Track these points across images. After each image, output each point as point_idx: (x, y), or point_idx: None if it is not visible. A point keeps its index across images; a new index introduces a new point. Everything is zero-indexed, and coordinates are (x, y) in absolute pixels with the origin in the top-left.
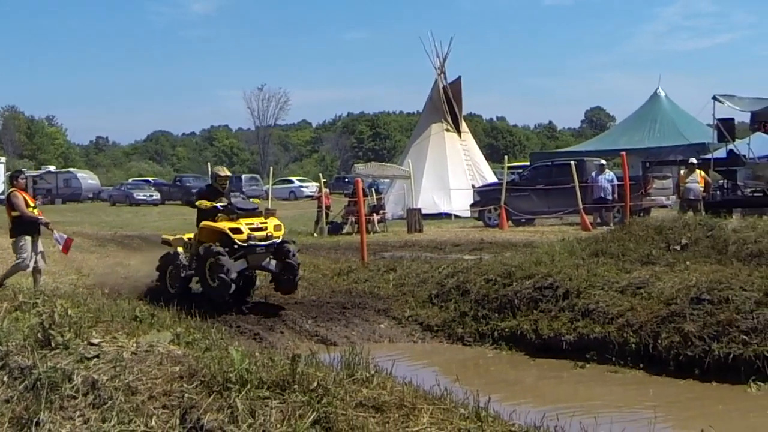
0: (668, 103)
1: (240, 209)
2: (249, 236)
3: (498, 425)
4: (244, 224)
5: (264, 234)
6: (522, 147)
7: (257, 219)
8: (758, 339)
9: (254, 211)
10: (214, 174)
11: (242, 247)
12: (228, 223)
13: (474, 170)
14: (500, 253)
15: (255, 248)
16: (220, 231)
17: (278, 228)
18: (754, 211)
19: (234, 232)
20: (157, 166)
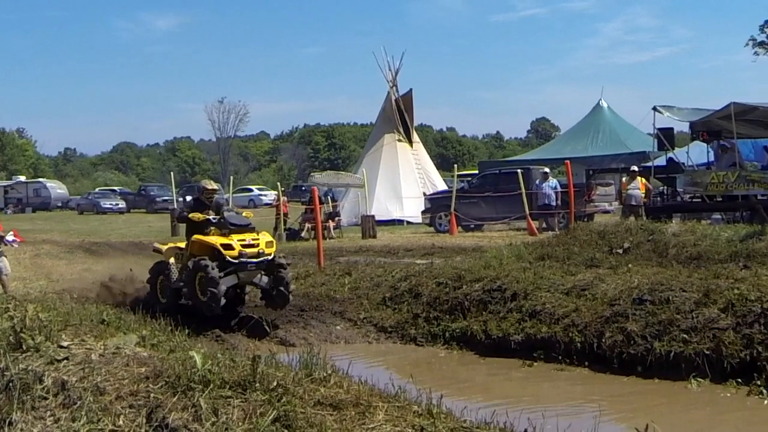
0: (610, 113)
1: (233, 225)
2: (240, 253)
3: (450, 421)
4: (236, 240)
5: (256, 251)
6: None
7: (249, 235)
8: (698, 337)
9: (247, 226)
10: (201, 187)
11: (233, 264)
12: (220, 239)
13: (425, 178)
14: (451, 257)
15: (246, 265)
16: (211, 246)
17: (270, 245)
18: (693, 215)
19: (225, 248)
20: (123, 176)
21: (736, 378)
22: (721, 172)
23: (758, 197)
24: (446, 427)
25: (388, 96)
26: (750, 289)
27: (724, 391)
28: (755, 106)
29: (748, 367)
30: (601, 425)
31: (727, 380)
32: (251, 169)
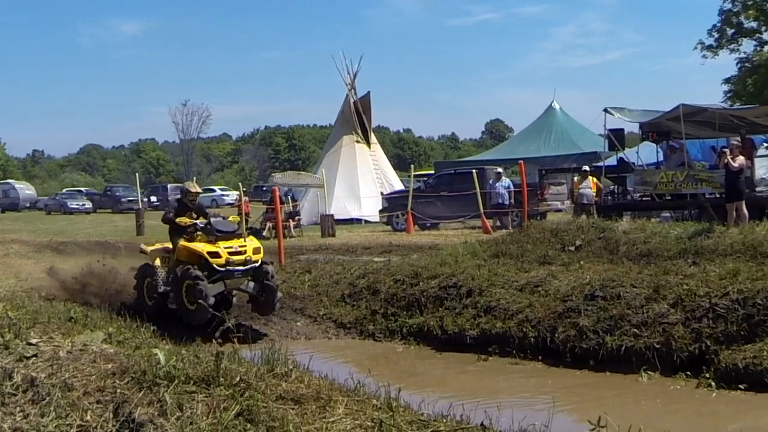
0: (562, 115)
1: (219, 231)
2: (227, 260)
3: (408, 414)
4: (223, 247)
5: (243, 258)
6: (427, 157)
7: (236, 241)
8: (648, 332)
9: (234, 233)
10: (185, 189)
11: (220, 271)
12: (207, 246)
13: (382, 178)
14: (407, 255)
15: (233, 272)
16: (198, 253)
17: (257, 251)
18: (643, 214)
19: (212, 256)
20: (89, 177)
21: (685, 371)
22: (670, 171)
23: (706, 196)
24: (404, 420)
25: (347, 98)
26: (698, 284)
27: (674, 383)
28: (703, 107)
29: (697, 361)
30: (554, 417)
31: (676, 373)
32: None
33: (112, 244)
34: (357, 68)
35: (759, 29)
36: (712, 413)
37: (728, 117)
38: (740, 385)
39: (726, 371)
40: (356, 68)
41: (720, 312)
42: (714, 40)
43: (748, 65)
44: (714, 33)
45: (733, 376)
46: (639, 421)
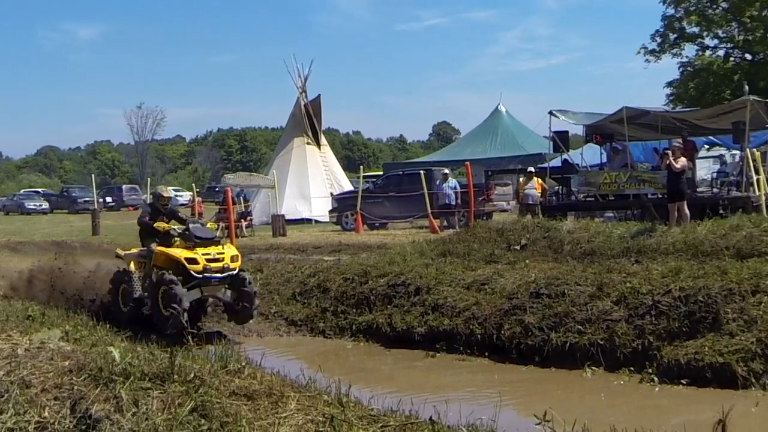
0: (508, 117)
1: (198, 237)
2: (205, 267)
3: (358, 410)
4: (201, 254)
5: (220, 265)
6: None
7: (215, 248)
8: (592, 329)
9: (212, 239)
10: (157, 194)
11: (197, 278)
12: (184, 252)
13: (332, 179)
14: (357, 254)
15: (210, 279)
16: (175, 259)
17: (235, 259)
18: (587, 214)
19: (190, 263)
20: (46, 178)
21: (628, 366)
22: (613, 172)
23: (648, 196)
24: (355, 415)
25: (298, 101)
26: (641, 282)
27: (618, 378)
28: (646, 110)
29: (640, 356)
30: (501, 412)
31: (620, 369)
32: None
33: (68, 243)
34: (308, 72)
35: (701, 34)
36: (655, 407)
37: (670, 119)
38: (682, 380)
39: (668, 367)
40: (307, 72)
41: (662, 309)
42: (657, 44)
43: (689, 69)
44: (657, 38)
45: (676, 372)
46: (583, 415)
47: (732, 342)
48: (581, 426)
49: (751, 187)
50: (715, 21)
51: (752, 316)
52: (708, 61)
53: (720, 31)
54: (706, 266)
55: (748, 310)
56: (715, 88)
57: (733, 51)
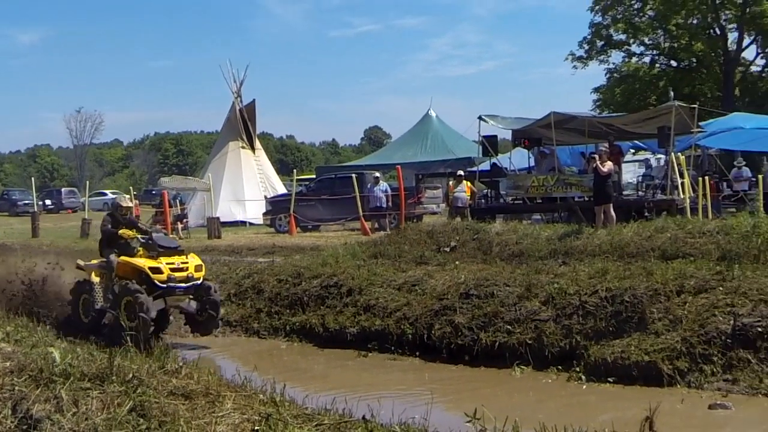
0: (438, 122)
1: (162, 247)
2: (169, 277)
3: (293, 409)
4: (165, 263)
5: (185, 275)
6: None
7: (179, 258)
8: (520, 329)
9: (176, 249)
10: (116, 204)
11: (161, 288)
12: (148, 261)
13: (266, 183)
14: (290, 256)
15: (175, 289)
16: (139, 269)
17: (199, 268)
18: (515, 216)
19: (154, 272)
20: None
21: (556, 365)
22: (541, 176)
23: (575, 199)
24: (290, 414)
25: (233, 106)
26: (569, 283)
27: (546, 377)
28: (573, 115)
29: (567, 355)
30: (433, 410)
31: (548, 367)
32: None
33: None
34: (243, 77)
35: (627, 41)
36: (582, 405)
37: (597, 124)
38: (609, 379)
39: (595, 365)
40: (242, 77)
41: (589, 309)
42: (584, 51)
43: (616, 75)
44: (584, 45)
45: (602, 370)
46: (513, 413)
47: (658, 341)
48: (511, 424)
49: (676, 190)
50: (641, 29)
51: (677, 315)
52: (634, 68)
53: (646, 38)
54: (632, 267)
55: (673, 310)
56: (641, 94)
57: (658, 58)
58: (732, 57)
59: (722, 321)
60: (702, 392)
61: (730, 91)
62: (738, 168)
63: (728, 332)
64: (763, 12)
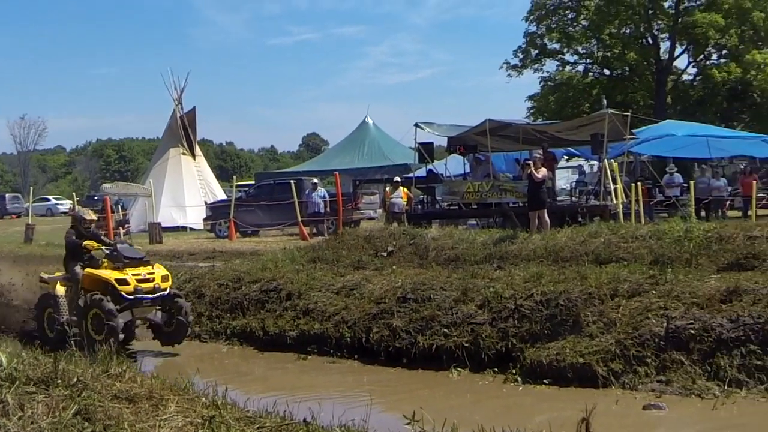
0: (375, 129)
1: (127, 258)
2: (136, 288)
3: (235, 412)
4: (131, 274)
5: (151, 285)
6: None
7: (144, 268)
8: (457, 332)
9: (141, 260)
10: (80, 217)
11: (128, 299)
12: (114, 273)
13: (206, 188)
14: (230, 260)
15: (141, 300)
16: (105, 281)
17: (165, 279)
18: (451, 221)
19: (120, 284)
20: None
21: (493, 367)
22: (476, 182)
23: (510, 205)
24: (232, 417)
25: (174, 113)
26: (504, 287)
27: (483, 379)
28: (508, 122)
29: (503, 358)
30: (372, 412)
31: (485, 369)
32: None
33: None
34: (184, 84)
35: (561, 50)
36: (519, 406)
37: (531, 132)
38: (545, 380)
39: (531, 367)
40: (183, 84)
41: (525, 312)
42: (519, 60)
43: (550, 84)
44: (519, 53)
45: (538, 372)
46: (451, 414)
47: (592, 343)
48: (450, 426)
49: (609, 196)
50: (575, 38)
51: (611, 318)
52: (568, 76)
53: (580, 47)
54: (566, 271)
55: (607, 313)
56: (574, 102)
57: (592, 66)
58: (664, 66)
59: (655, 324)
60: (636, 393)
61: (662, 99)
62: (670, 174)
63: (661, 335)
64: (695, 22)
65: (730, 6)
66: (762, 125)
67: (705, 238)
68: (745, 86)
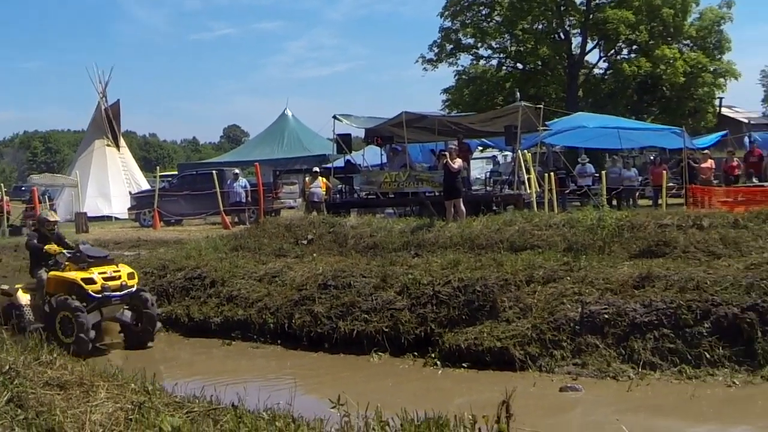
0: (294, 121)
1: (91, 257)
2: (103, 286)
3: (164, 397)
4: (97, 273)
5: (119, 283)
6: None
7: (110, 267)
8: (377, 317)
9: (105, 258)
10: (43, 219)
11: (96, 298)
12: (80, 273)
13: (131, 179)
14: (155, 249)
15: (110, 299)
16: (71, 282)
17: (132, 276)
18: (369, 210)
19: (87, 283)
20: None
21: (412, 352)
22: (393, 172)
23: (426, 194)
24: (161, 402)
25: (99, 106)
26: (422, 274)
27: (403, 363)
28: (424, 115)
29: (423, 342)
30: (296, 396)
31: (404, 354)
32: None
33: None
34: (108, 78)
35: (475, 45)
36: (439, 389)
37: (447, 123)
38: (463, 364)
39: (450, 351)
40: (107, 78)
41: (443, 298)
42: (434, 54)
43: (465, 77)
44: (434, 48)
45: (457, 356)
46: (373, 397)
47: (509, 328)
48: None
49: (523, 185)
50: (489, 33)
51: (527, 304)
52: (482, 70)
53: (494, 42)
54: (482, 259)
55: (523, 299)
56: (488, 95)
57: (505, 61)
58: (576, 60)
59: (571, 309)
60: (553, 376)
61: (573, 93)
62: (582, 164)
63: (576, 319)
64: (606, 18)
65: (641, 3)
66: (671, 117)
67: (617, 226)
68: (655, 80)
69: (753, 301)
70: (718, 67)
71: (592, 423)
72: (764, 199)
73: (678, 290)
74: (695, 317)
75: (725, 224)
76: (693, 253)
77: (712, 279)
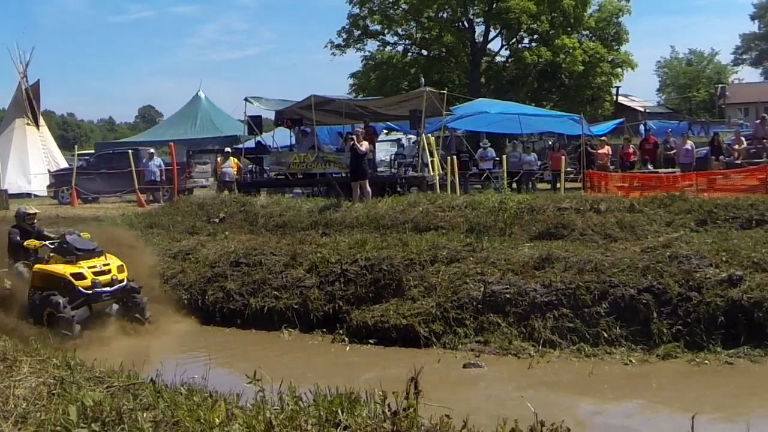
0: (207, 102)
1: (79, 250)
2: (93, 282)
3: (85, 372)
4: (87, 268)
5: (109, 278)
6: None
7: (99, 260)
8: (287, 294)
9: (94, 250)
10: (22, 213)
11: (86, 295)
12: (68, 267)
13: (50, 157)
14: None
15: (101, 295)
16: (59, 276)
17: (121, 269)
18: (278, 190)
19: (77, 278)
20: None
21: (321, 328)
22: (302, 153)
23: (333, 175)
24: (83, 377)
25: (19, 85)
26: (330, 253)
27: (312, 339)
28: (332, 98)
29: (331, 319)
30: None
31: (314, 330)
32: None
33: None
34: (29, 58)
35: (382, 31)
36: (347, 365)
37: (354, 107)
38: (371, 340)
39: (357, 328)
40: (28, 58)
41: (350, 277)
42: (342, 40)
43: (371, 62)
44: (343, 34)
45: (364, 333)
46: (285, 372)
47: (414, 306)
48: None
49: (427, 168)
50: (395, 20)
51: (432, 283)
52: (388, 56)
53: (400, 29)
54: (388, 238)
55: (427, 278)
56: (394, 80)
57: (411, 47)
58: (478, 48)
59: (473, 288)
60: (457, 353)
61: (476, 79)
62: (483, 149)
63: (479, 298)
64: (508, 8)
65: None
66: (569, 105)
67: (518, 209)
68: (555, 68)
69: (649, 283)
70: (616, 57)
71: (494, 398)
72: (658, 185)
73: (577, 272)
74: (593, 298)
75: (621, 209)
76: (591, 235)
77: (610, 261)
